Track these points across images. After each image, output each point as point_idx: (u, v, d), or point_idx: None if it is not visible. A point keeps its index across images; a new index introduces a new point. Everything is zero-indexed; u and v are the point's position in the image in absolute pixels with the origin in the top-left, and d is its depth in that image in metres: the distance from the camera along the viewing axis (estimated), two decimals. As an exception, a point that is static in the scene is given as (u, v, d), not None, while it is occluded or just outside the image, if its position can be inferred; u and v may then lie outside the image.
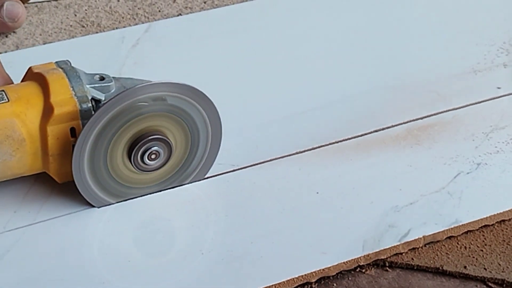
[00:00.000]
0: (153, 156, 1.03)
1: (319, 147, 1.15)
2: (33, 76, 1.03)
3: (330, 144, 1.15)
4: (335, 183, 1.10)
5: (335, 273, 1.00)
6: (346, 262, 1.01)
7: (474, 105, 1.22)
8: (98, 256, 1.01)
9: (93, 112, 1.00)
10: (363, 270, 1.02)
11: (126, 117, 1.00)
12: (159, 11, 1.38)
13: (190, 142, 1.06)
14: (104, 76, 1.04)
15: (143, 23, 1.36)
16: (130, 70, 1.25)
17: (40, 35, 1.34)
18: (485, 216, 1.06)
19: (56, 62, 1.04)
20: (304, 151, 1.14)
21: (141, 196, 1.06)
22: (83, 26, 1.35)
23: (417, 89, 1.24)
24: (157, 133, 1.03)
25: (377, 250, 1.02)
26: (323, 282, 1.00)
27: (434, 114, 1.20)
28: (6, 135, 0.99)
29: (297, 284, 0.99)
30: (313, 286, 1.00)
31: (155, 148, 1.03)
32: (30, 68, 1.05)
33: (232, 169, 1.11)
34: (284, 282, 0.98)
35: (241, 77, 1.25)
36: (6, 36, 1.33)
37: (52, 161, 1.01)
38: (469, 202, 1.08)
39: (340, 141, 1.16)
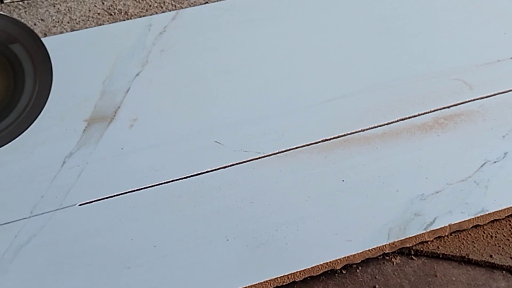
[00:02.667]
0: None
1: (345, 135, 1.15)
2: None
3: (356, 132, 1.15)
4: (361, 171, 1.10)
5: (360, 261, 1.00)
6: (371, 249, 1.00)
7: (501, 94, 1.21)
8: (125, 241, 1.01)
9: None
10: (388, 258, 1.02)
11: None
12: (186, -1, 1.38)
13: (12, 87, 0.95)
14: None
15: (170, 11, 1.36)
16: (156, 57, 1.26)
17: (68, 23, 1.34)
18: (512, 205, 1.06)
19: None
20: (330, 139, 1.14)
21: (166, 183, 1.07)
22: (111, 14, 1.36)
23: (444, 78, 1.23)
24: None
25: (402, 238, 1.01)
26: (348, 269, 1.00)
27: (461, 103, 1.19)
28: None
29: (322, 271, 0.99)
30: (338, 273, 1.00)
31: None
32: None
33: (257, 157, 1.11)
34: (309, 269, 0.98)
35: (267, 65, 1.25)
36: (35, 24, 1.34)
37: None
38: (496, 191, 1.07)
39: (366, 129, 1.15)
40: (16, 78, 0.94)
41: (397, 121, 1.17)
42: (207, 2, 1.37)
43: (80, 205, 1.05)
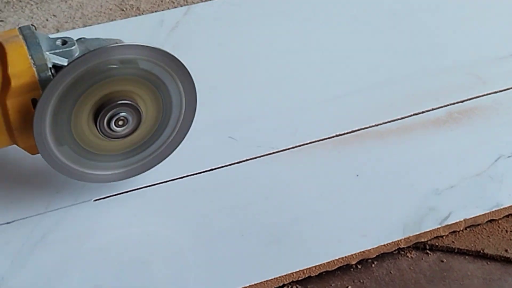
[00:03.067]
0: (120, 123, 0.97)
1: (358, 130, 1.15)
2: None
3: (370, 127, 1.15)
4: (375, 166, 1.10)
5: (375, 256, 1.00)
6: (387, 244, 1.00)
7: (515, 88, 1.21)
8: (140, 236, 1.02)
9: None
10: (404, 253, 1.02)
11: (89, 82, 0.94)
12: (198, -6, 1.38)
13: (162, 112, 1.00)
14: (66, 39, 0.97)
15: (182, 6, 1.36)
16: (169, 53, 1.26)
17: (80, 18, 1.34)
18: (526, 200, 1.06)
19: (19, 28, 0.98)
20: (344, 134, 1.14)
21: (180, 178, 1.07)
22: (123, 10, 1.36)
23: (457, 73, 1.23)
24: (126, 98, 0.96)
25: (417, 233, 1.01)
26: (363, 264, 1.00)
27: (475, 98, 1.19)
28: None
29: (337, 266, 0.99)
30: (354, 268, 1.00)
31: (123, 114, 0.96)
32: None
33: (271, 152, 1.11)
34: (324, 264, 0.98)
35: (281, 60, 1.25)
36: (47, 20, 1.34)
37: (17, 135, 0.97)
38: (510, 186, 1.07)
39: (380, 124, 1.15)
40: (165, 105, 1.00)
41: (411, 115, 1.16)
42: (219, -3, 1.37)
43: (95, 200, 1.05)
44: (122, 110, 0.97)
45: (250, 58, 1.24)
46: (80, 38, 0.99)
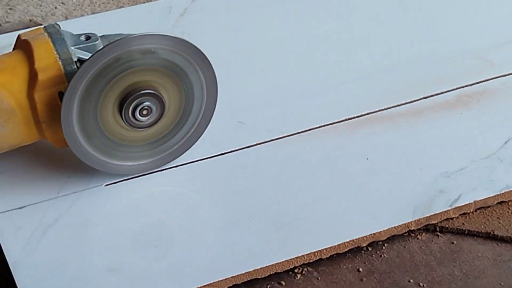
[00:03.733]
0: (144, 112, 1.00)
1: (368, 114, 1.15)
2: (21, 43, 1.01)
3: (380, 111, 1.15)
4: (385, 149, 1.10)
5: (385, 238, 1.01)
6: (397, 227, 1.01)
7: (523, 71, 1.21)
8: (151, 220, 1.02)
9: None
10: (414, 235, 1.02)
11: (112, 73, 0.97)
12: (206, -20, 1.38)
13: (184, 101, 1.03)
14: (90, 35, 1.00)
15: (190, -8, 1.36)
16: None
17: (89, 5, 1.35)
18: (536, 181, 1.06)
19: (44, 26, 1.01)
20: (354, 117, 1.14)
21: (190, 163, 1.07)
22: (131, -4, 1.36)
23: (465, 57, 1.23)
24: (149, 88, 0.99)
25: (427, 215, 1.02)
26: (373, 246, 1.01)
27: (484, 81, 1.19)
28: None
29: (347, 248, 0.99)
30: (364, 250, 1.00)
31: (147, 103, 0.99)
32: (18, 35, 1.02)
33: (281, 136, 1.12)
34: (335, 246, 0.99)
35: (289, 45, 1.25)
36: (55, 8, 1.34)
37: (45, 128, 1.00)
38: (520, 168, 1.07)
39: (390, 107, 1.16)
40: (187, 93, 1.02)
41: (420, 99, 1.17)
42: (227, -17, 1.37)
43: (106, 185, 1.05)
44: (145, 99, 1.00)
45: (259, 43, 1.25)
46: (103, 34, 1.02)
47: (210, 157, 1.09)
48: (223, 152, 1.09)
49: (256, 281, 0.97)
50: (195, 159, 1.08)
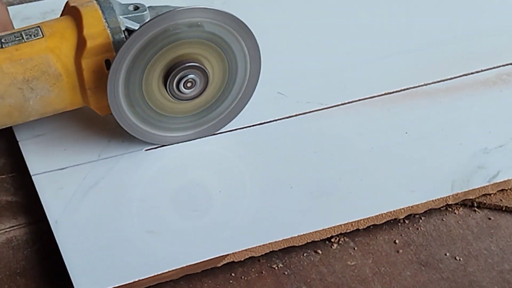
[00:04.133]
0: (189, 85, 1.01)
1: (408, 88, 1.15)
2: (69, 10, 1.02)
3: (419, 86, 1.15)
4: (424, 124, 1.10)
5: (423, 211, 1.01)
6: (435, 200, 1.01)
7: None
8: (190, 186, 1.03)
9: None
10: (451, 210, 1.02)
11: (159, 44, 0.98)
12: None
13: (228, 73, 1.04)
14: (138, 5, 1.02)
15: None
16: (219, 10, 1.26)
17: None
18: None
19: None
20: (393, 92, 1.14)
21: (230, 131, 1.08)
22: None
23: (507, 35, 1.23)
24: (194, 60, 1.01)
25: (465, 190, 1.02)
26: (411, 219, 1.01)
27: (525, 60, 1.19)
28: (42, 70, 0.99)
29: (385, 220, 1.00)
30: (401, 222, 1.01)
31: (191, 76, 1.01)
32: (67, 2, 1.03)
33: (320, 108, 1.12)
34: (372, 217, 0.99)
35: (332, 17, 1.25)
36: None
37: (90, 95, 1.01)
38: (560, 146, 1.07)
39: (430, 83, 1.16)
40: (230, 66, 1.04)
41: (460, 76, 1.17)
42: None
43: (147, 150, 1.06)
44: (190, 72, 1.01)
45: (299, 15, 1.25)
46: (151, 5, 1.03)
47: (251, 126, 1.09)
48: (263, 121, 1.10)
49: (292, 249, 0.97)
50: (235, 128, 1.09)
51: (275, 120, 1.10)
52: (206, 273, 0.95)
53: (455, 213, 1.02)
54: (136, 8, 1.02)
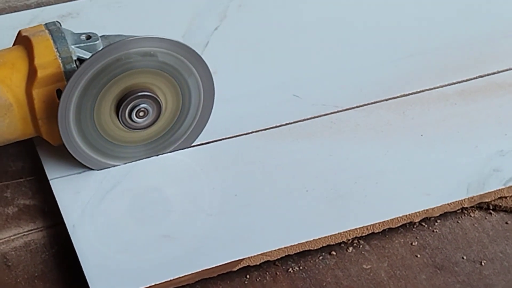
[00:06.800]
0: (141, 114, 1.01)
1: (423, 91, 1.15)
2: (21, 39, 1.01)
3: (435, 88, 1.15)
4: (440, 126, 1.10)
5: (438, 214, 1.01)
6: (450, 203, 1.01)
7: None
8: (206, 189, 1.04)
9: None
10: (467, 213, 1.02)
11: (111, 73, 0.98)
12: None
13: (181, 102, 1.03)
14: (91, 34, 1.01)
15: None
16: (234, 12, 1.27)
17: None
18: None
19: (45, 24, 1.02)
20: (408, 94, 1.14)
21: (245, 134, 1.09)
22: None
23: (523, 36, 1.23)
24: (147, 90, 1.00)
25: (481, 193, 1.02)
26: (426, 222, 1.01)
27: (541, 62, 1.19)
28: None
29: (400, 223, 1.00)
30: (417, 225, 1.01)
31: (144, 105, 1.00)
32: (19, 31, 1.03)
33: (335, 110, 1.12)
34: (388, 221, 0.99)
35: (347, 19, 1.25)
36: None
37: (42, 125, 1.00)
38: None
39: (445, 85, 1.16)
40: (184, 95, 1.03)
41: (476, 78, 1.17)
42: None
43: (161, 154, 1.07)
44: (142, 101, 1.00)
45: (315, 17, 1.25)
46: (103, 35, 1.03)
47: (266, 129, 1.10)
48: (278, 124, 1.10)
49: (308, 253, 0.98)
50: (250, 131, 1.09)
51: (290, 123, 1.11)
52: (221, 277, 0.95)
53: (470, 216, 1.02)
54: (89, 37, 1.01)
